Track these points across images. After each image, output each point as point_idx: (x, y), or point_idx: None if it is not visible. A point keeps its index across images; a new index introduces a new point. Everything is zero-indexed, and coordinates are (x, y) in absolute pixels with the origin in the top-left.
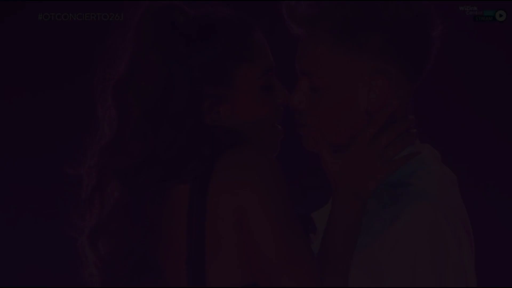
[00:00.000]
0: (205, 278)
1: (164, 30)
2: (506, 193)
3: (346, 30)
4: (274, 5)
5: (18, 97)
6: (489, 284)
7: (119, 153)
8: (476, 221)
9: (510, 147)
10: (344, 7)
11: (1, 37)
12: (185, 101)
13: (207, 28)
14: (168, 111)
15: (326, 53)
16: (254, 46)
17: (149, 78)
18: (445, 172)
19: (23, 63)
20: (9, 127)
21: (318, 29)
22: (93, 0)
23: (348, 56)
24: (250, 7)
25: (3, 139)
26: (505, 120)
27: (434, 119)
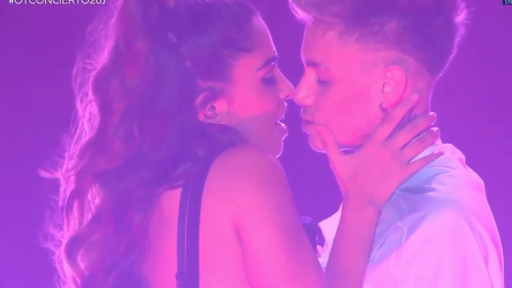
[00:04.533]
0: None
1: (152, 15)
2: None
3: (357, 16)
4: None
5: None
6: None
7: (100, 154)
8: (504, 229)
9: None
10: None
11: None
12: (176, 95)
13: (200, 13)
14: (156, 107)
15: (335, 42)
16: (253, 33)
17: (135, 69)
18: (470, 175)
19: None
20: None
21: (326, 14)
22: None
23: (359, 45)
24: None
25: None
26: None
27: (458, 114)
